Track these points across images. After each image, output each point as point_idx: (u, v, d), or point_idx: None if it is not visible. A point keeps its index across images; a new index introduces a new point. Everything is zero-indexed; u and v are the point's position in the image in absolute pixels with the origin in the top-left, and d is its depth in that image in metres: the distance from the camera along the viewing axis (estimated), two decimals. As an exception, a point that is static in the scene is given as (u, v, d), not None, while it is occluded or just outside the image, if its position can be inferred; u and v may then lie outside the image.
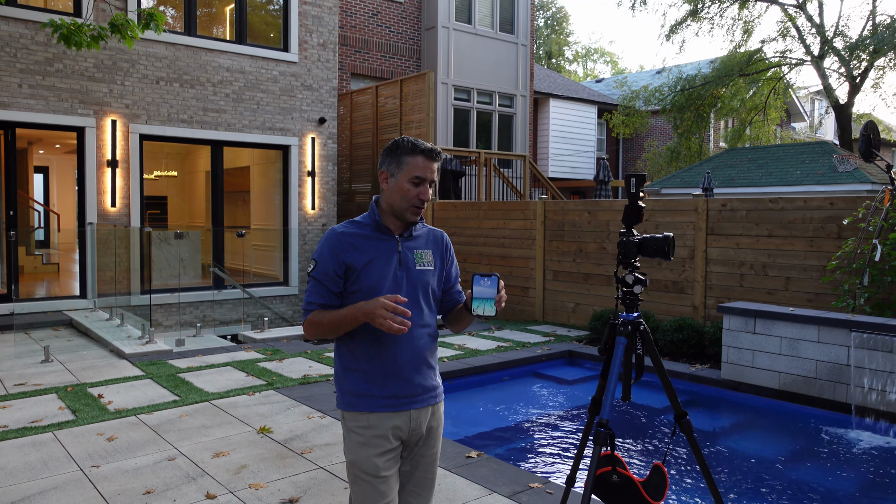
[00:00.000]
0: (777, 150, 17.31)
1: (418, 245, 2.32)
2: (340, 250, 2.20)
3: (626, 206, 2.50)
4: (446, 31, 15.84)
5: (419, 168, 2.20)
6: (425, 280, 2.29)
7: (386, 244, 2.25)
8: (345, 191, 14.06)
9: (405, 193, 2.21)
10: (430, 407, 2.30)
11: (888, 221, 6.19)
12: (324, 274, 2.19)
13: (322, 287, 2.20)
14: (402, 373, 2.22)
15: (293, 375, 6.37)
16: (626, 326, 2.52)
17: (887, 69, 18.08)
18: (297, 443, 4.55)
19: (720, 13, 19.41)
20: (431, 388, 2.31)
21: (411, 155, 2.21)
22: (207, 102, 10.67)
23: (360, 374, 2.22)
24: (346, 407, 2.25)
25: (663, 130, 23.48)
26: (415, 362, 2.24)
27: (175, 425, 4.90)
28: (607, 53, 54.17)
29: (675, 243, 8.19)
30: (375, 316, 2.02)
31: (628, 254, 2.49)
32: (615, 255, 8.80)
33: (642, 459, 4.86)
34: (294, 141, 11.63)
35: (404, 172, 2.21)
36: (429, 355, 2.30)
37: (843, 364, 5.58)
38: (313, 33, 11.78)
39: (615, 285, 2.61)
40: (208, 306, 10.64)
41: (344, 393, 2.26)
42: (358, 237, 2.23)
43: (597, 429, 2.43)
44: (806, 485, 4.44)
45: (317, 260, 2.22)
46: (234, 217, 12.78)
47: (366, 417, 2.21)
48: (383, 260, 2.23)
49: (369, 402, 2.21)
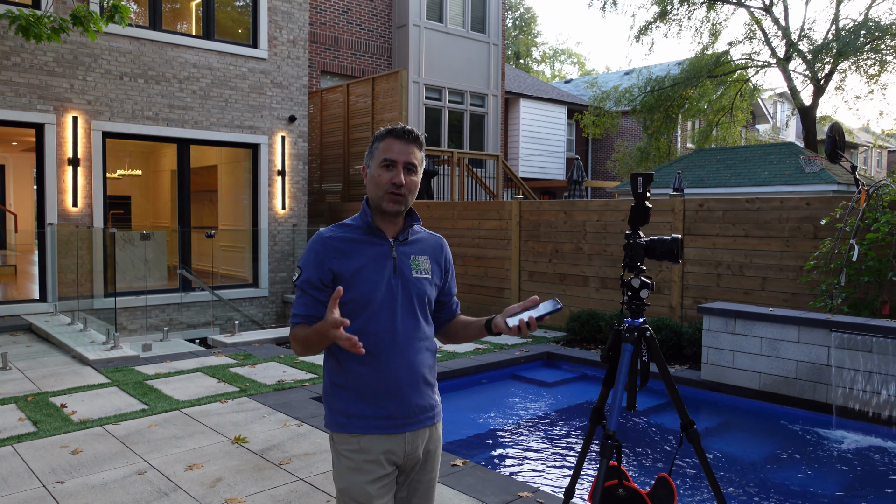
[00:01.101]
0: (745, 150, 17.54)
1: (415, 250, 2.12)
2: (326, 256, 2.01)
3: (633, 207, 2.39)
4: (417, 30, 15.68)
5: (390, 150, 2.01)
6: (422, 289, 2.09)
7: (378, 249, 2.05)
8: (315, 191, 13.81)
9: (377, 180, 2.02)
10: (427, 428, 2.10)
11: (864, 222, 6.22)
12: (307, 283, 2.01)
13: (306, 297, 2.02)
14: (397, 391, 2.02)
15: (267, 381, 6.16)
16: (632, 333, 2.41)
17: (849, 72, 18.45)
18: (274, 453, 4.37)
19: (688, 15, 19.61)
20: (429, 408, 2.10)
21: (382, 140, 2.05)
22: (174, 99, 10.35)
23: (350, 391, 2.02)
24: (336, 427, 2.04)
25: (632, 131, 23.65)
26: (411, 379, 2.04)
27: (144, 436, 4.67)
28: (574, 54, 54.57)
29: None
30: (328, 333, 1.82)
31: (635, 256, 2.38)
32: (591, 256, 8.77)
33: (640, 469, 4.79)
34: (264, 139, 11.36)
35: (376, 158, 2.04)
36: (427, 371, 2.10)
37: (824, 364, 5.59)
38: (283, 29, 11.53)
39: (620, 289, 2.50)
40: (175, 309, 10.32)
41: (333, 412, 2.05)
42: (346, 241, 2.04)
43: (603, 441, 2.32)
44: (788, 486, 4.41)
45: (301, 267, 2.03)
46: (200, 217, 12.46)
47: (357, 440, 2.01)
48: (375, 266, 2.03)
49: (361, 424, 2.01)
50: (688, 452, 4.95)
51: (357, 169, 12.99)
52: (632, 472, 4.61)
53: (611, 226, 8.53)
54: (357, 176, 12.98)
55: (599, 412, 2.55)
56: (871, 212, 6.21)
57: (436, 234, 2.24)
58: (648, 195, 2.38)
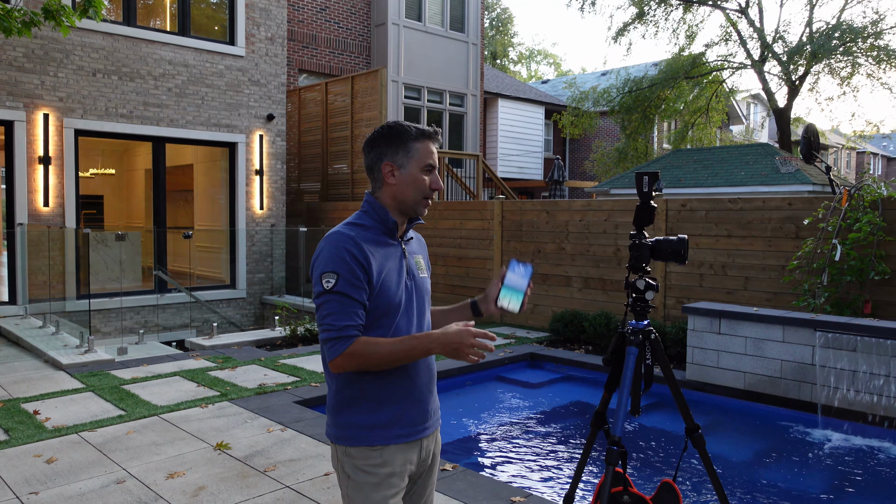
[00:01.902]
0: (722, 151, 17.70)
1: (414, 250, 2.06)
2: (362, 256, 1.82)
3: (638, 207, 2.34)
4: (396, 29, 15.58)
5: (431, 154, 1.94)
6: (428, 289, 2.06)
7: (393, 249, 1.95)
8: (293, 190, 13.64)
9: (420, 184, 1.92)
10: (435, 431, 2.05)
11: (846, 222, 6.27)
12: (353, 287, 1.79)
13: (353, 304, 1.79)
14: (419, 395, 1.95)
15: (248, 385, 6.03)
16: (636, 335, 2.35)
17: (822, 74, 18.72)
18: (258, 459, 4.25)
19: (665, 16, 19.75)
20: (437, 409, 2.06)
21: (419, 141, 1.93)
22: (148, 97, 10.12)
23: (371, 402, 1.88)
24: (352, 442, 1.88)
25: (610, 131, 23.77)
26: (429, 384, 2.00)
27: (122, 443, 4.52)
28: (550, 55, 54.82)
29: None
30: (463, 349, 1.73)
31: (641, 257, 2.32)
32: (573, 256, 8.75)
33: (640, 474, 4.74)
34: (241, 138, 11.17)
35: (416, 161, 1.92)
36: (434, 368, 2.06)
37: (808, 364, 5.61)
38: (261, 27, 11.35)
39: (625, 291, 2.44)
40: (150, 311, 10.10)
41: (348, 426, 1.89)
42: (370, 242, 1.88)
43: (609, 447, 2.25)
44: (775, 485, 4.41)
45: (337, 271, 1.80)
46: (175, 217, 12.21)
47: (379, 453, 1.87)
48: (395, 269, 1.92)
49: (382, 434, 1.88)
50: (676, 455, 4.92)
51: (337, 169, 12.85)
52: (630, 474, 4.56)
53: (593, 226, 8.51)
54: (336, 175, 12.84)
55: (601, 416, 2.49)
56: (852, 212, 6.26)
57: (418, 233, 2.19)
58: (654, 194, 2.32)
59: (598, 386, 6.84)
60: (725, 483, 4.39)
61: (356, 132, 12.35)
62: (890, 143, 45.83)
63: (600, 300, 8.43)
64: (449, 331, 1.76)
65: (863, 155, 42.07)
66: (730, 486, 4.33)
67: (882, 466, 4.74)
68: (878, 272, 5.98)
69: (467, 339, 1.73)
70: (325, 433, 2.11)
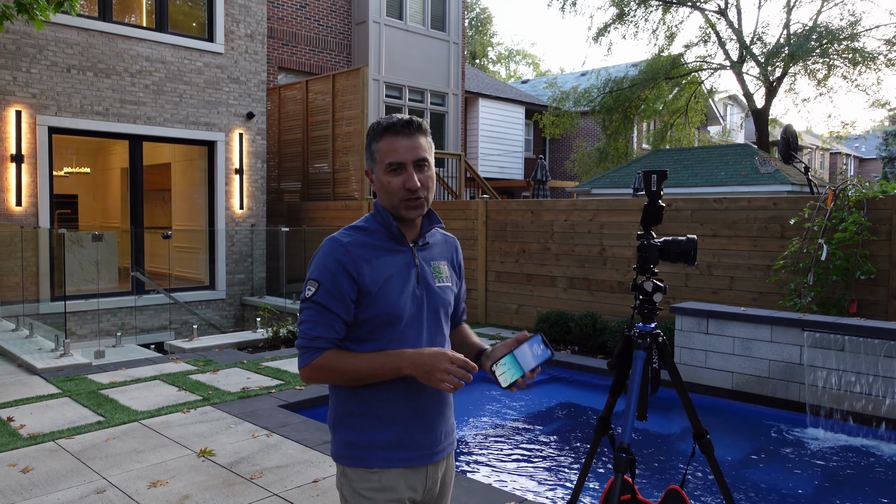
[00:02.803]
0: (701, 151, 17.82)
1: (434, 255, 1.87)
2: (351, 266, 1.70)
3: (646, 207, 2.27)
4: (377, 27, 15.45)
5: (393, 151, 1.73)
6: (446, 300, 1.86)
7: (401, 256, 1.79)
8: (273, 190, 13.45)
9: (388, 188, 1.75)
10: (446, 458, 1.88)
11: (831, 221, 6.29)
12: (332, 298, 1.69)
13: (330, 316, 1.70)
14: (424, 418, 1.78)
15: (231, 389, 5.89)
16: (644, 339, 2.28)
17: (799, 76, 18.93)
18: (244, 466, 4.13)
19: (645, 17, 19.84)
20: (451, 433, 1.89)
21: (379, 139, 1.76)
22: (125, 94, 9.90)
23: (372, 419, 1.75)
24: (351, 462, 1.76)
25: (590, 131, 23.84)
26: (439, 404, 1.82)
27: (102, 451, 4.37)
28: (529, 55, 54.94)
29: (620, 243, 8.17)
30: (434, 373, 1.61)
31: (650, 258, 2.26)
32: (558, 256, 8.71)
33: (644, 480, 4.69)
34: (220, 136, 10.98)
35: (378, 163, 1.77)
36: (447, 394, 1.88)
37: (796, 363, 5.61)
38: (240, 23, 11.16)
39: (632, 293, 2.38)
40: (128, 313, 9.87)
41: (347, 444, 1.77)
42: (368, 248, 1.75)
43: (617, 454, 2.18)
44: (764, 485, 4.39)
45: (319, 280, 1.71)
46: (153, 217, 11.97)
47: (377, 476, 1.74)
48: (401, 277, 1.76)
49: (384, 456, 1.74)
50: (670, 457, 4.90)
51: (318, 168, 12.70)
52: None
53: (578, 226, 8.48)
54: (317, 175, 12.69)
55: (605, 422, 2.42)
56: (837, 211, 6.29)
57: (449, 233, 2.00)
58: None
59: (586, 387, 6.80)
60: (715, 483, 4.35)
61: (337, 131, 12.20)
62: (862, 144, 46.62)
63: (585, 300, 8.40)
64: (424, 352, 1.65)
65: (836, 156, 42.74)
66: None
67: (870, 465, 4.75)
68: (864, 272, 6.01)
69: (442, 364, 1.61)
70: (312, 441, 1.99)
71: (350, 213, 11.43)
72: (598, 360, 7.25)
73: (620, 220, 8.09)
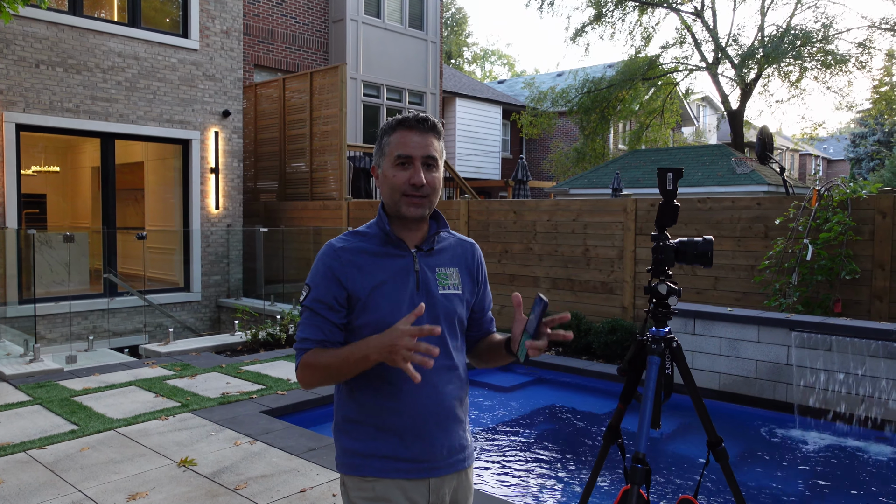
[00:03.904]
0: (678, 152, 17.94)
1: (442, 261, 1.80)
2: (340, 271, 1.70)
3: (661, 206, 2.18)
4: (355, 25, 15.27)
5: (404, 144, 1.70)
6: (451, 307, 1.78)
7: (399, 262, 1.75)
8: (249, 189, 13.22)
9: (392, 181, 1.71)
10: (456, 474, 1.79)
11: (816, 222, 6.30)
12: (318, 302, 1.69)
13: (318, 318, 1.70)
14: (422, 430, 1.71)
15: (210, 394, 5.71)
16: (658, 344, 2.19)
17: (772, 77, 19.16)
18: (227, 476, 3.97)
19: (622, 18, 19.91)
20: (459, 449, 1.79)
21: (390, 132, 1.74)
22: (97, 90, 9.61)
23: (368, 427, 1.71)
24: (346, 470, 1.74)
25: (567, 132, 23.89)
26: (439, 416, 1.73)
27: (76, 461, 4.18)
28: (505, 56, 55.03)
29: (604, 244, 8.12)
30: (396, 350, 1.50)
31: (665, 260, 2.17)
32: (541, 256, 8.64)
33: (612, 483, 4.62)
34: (195, 135, 10.73)
35: (387, 156, 1.74)
36: (457, 405, 1.78)
37: (784, 363, 5.60)
38: (216, 19, 10.92)
39: (645, 296, 2.29)
40: (100, 316, 9.59)
41: (344, 451, 1.75)
42: (362, 253, 1.73)
43: (633, 464, 2.09)
44: (753, 485, 4.35)
45: (310, 284, 1.72)
46: (125, 217, 11.67)
47: (371, 486, 1.70)
48: (396, 283, 1.72)
49: (377, 466, 1.70)
50: (662, 462, 4.84)
51: (295, 167, 12.50)
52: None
53: (561, 226, 8.42)
54: (295, 174, 12.49)
55: (615, 430, 2.33)
56: (822, 211, 6.30)
57: (467, 238, 1.91)
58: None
59: (571, 388, 6.74)
60: (704, 484, 4.30)
61: (315, 130, 12.02)
62: (830, 145, 47.49)
63: (569, 301, 8.34)
64: (385, 332, 1.56)
65: (806, 157, 43.47)
66: (708, 487, 4.25)
67: (859, 465, 4.74)
68: (849, 272, 6.03)
69: (400, 341, 1.49)
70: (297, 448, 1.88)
71: (328, 213, 11.25)
72: (583, 360, 7.19)
73: (604, 221, 8.05)
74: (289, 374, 6.38)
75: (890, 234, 6.07)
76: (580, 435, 5.53)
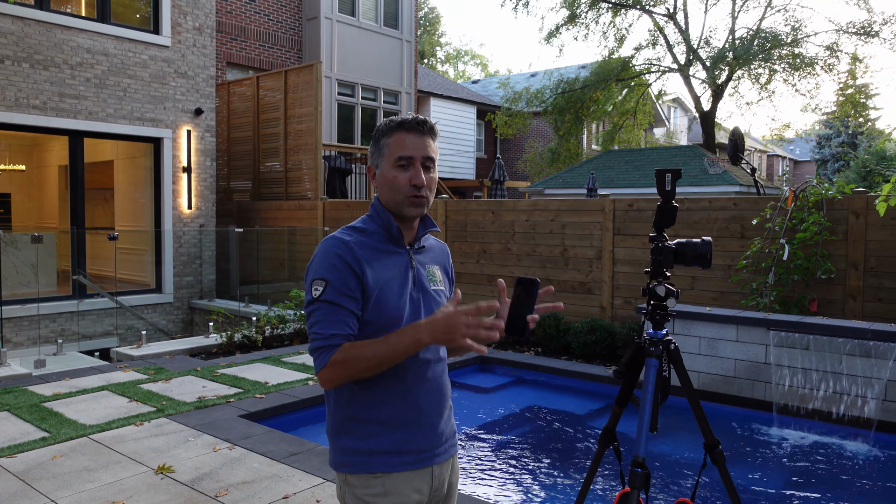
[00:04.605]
0: (652, 152, 18.11)
1: (428, 259, 1.86)
2: (355, 263, 1.67)
3: (659, 207, 2.16)
4: (329, 23, 15.13)
5: (403, 146, 1.72)
6: (440, 303, 1.82)
7: (399, 258, 1.77)
8: (222, 189, 13.01)
9: (393, 182, 1.73)
10: (451, 458, 1.85)
11: (792, 222, 6.38)
12: (342, 294, 1.64)
13: (342, 312, 1.63)
14: (425, 418, 1.75)
15: (186, 399, 5.58)
16: (657, 346, 2.17)
17: (742, 79, 19.45)
18: (207, 483, 3.87)
19: (596, 19, 20.04)
20: (452, 435, 1.86)
21: (390, 134, 1.76)
22: (65, 87, 9.37)
23: (373, 425, 1.71)
24: (352, 469, 1.71)
25: (542, 132, 23.97)
26: (439, 404, 1.79)
27: (48, 470, 4.04)
28: (478, 56, 55.13)
29: (582, 244, 8.14)
30: (456, 329, 1.49)
31: (664, 262, 2.15)
32: (520, 256, 8.63)
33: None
34: (167, 133, 10.52)
35: (386, 157, 1.75)
36: (449, 394, 1.86)
37: (762, 362, 5.65)
38: (188, 16, 10.72)
39: (644, 298, 2.26)
40: (68, 318, 9.35)
41: (346, 451, 1.73)
42: (369, 248, 1.72)
43: (633, 469, 2.07)
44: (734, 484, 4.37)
45: (326, 278, 1.65)
46: (94, 217, 11.41)
47: (380, 481, 1.70)
48: (399, 279, 1.74)
49: (385, 460, 1.70)
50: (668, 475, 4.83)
51: (269, 167, 12.34)
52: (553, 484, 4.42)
53: (540, 226, 8.42)
54: (269, 174, 12.33)
55: (611, 433, 2.30)
56: (797, 212, 6.38)
57: (440, 240, 1.97)
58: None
59: (551, 389, 6.73)
60: (684, 484, 4.31)
61: (289, 129, 11.88)
62: (797, 147, 48.39)
63: (547, 301, 8.32)
64: (437, 315, 1.56)
65: (773, 158, 44.25)
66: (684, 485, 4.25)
67: (837, 462, 4.80)
68: (824, 271, 6.11)
69: (459, 319, 1.50)
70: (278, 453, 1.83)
71: (304, 213, 11.12)
72: (562, 361, 7.20)
73: (582, 221, 8.06)
74: (267, 376, 6.27)
75: (863, 234, 6.17)
76: (564, 436, 5.52)
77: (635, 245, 7.66)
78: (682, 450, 5.12)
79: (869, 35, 17.18)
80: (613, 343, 7.21)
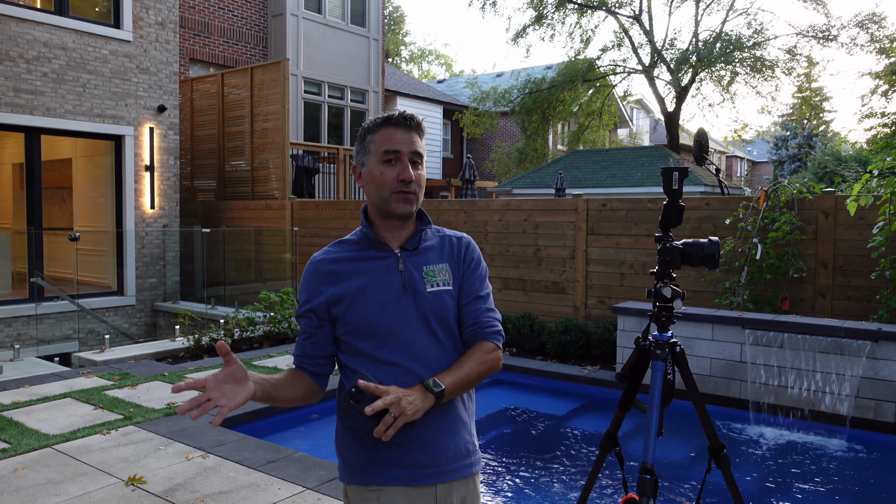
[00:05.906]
0: (619, 153, 18.28)
1: (429, 259, 1.73)
2: (318, 283, 1.71)
3: (666, 206, 2.11)
4: (295, 20, 14.90)
5: (390, 140, 1.68)
6: (441, 306, 1.69)
7: (381, 263, 1.71)
8: (186, 188, 12.69)
9: (380, 179, 1.67)
10: (463, 480, 1.72)
11: (763, 221, 6.45)
12: (304, 316, 1.74)
13: (304, 334, 1.75)
14: (424, 433, 1.64)
15: (154, 405, 5.38)
16: (662, 349, 2.12)
17: (705, 81, 19.79)
18: (181, 494, 3.72)
19: (562, 20, 20.15)
20: (465, 454, 1.72)
21: (376, 130, 1.71)
22: (20, 82, 9.01)
23: (365, 436, 1.61)
24: (349, 479, 1.69)
25: (509, 131, 24.03)
26: (441, 419, 1.66)
27: (10, 483, 3.84)
28: (442, 56, 55.13)
29: (555, 243, 8.12)
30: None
31: (671, 262, 2.11)
32: (492, 256, 8.58)
33: (568, 485, 4.57)
34: (129, 130, 10.21)
35: (372, 154, 1.70)
36: (459, 407, 1.72)
37: (738, 361, 5.70)
38: (150, 10, 10.42)
39: (650, 300, 2.21)
40: (25, 322, 8.99)
41: (345, 460, 1.71)
42: (341, 261, 1.72)
43: (641, 476, 2.01)
44: (711, 482, 4.35)
45: (298, 300, 1.77)
46: (51, 217, 11.02)
47: (376, 494, 1.64)
48: (379, 284, 1.68)
49: (378, 473, 1.64)
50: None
51: (235, 165, 12.08)
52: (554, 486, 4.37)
53: (513, 226, 8.39)
54: (235, 173, 12.07)
55: (612, 438, 2.25)
56: (769, 211, 6.46)
57: (460, 234, 1.82)
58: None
59: (528, 390, 6.69)
60: (661, 483, 4.30)
61: (256, 127, 11.64)
62: (754, 148, 49.50)
63: (521, 301, 8.32)
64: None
65: (732, 158, 45.19)
66: (665, 486, 4.25)
67: (813, 458, 4.85)
68: (796, 270, 6.19)
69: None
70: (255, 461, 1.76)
71: (271, 212, 10.91)
72: (537, 361, 7.17)
73: (555, 220, 8.05)
74: (237, 381, 6.09)
75: (832, 233, 6.27)
76: (546, 438, 5.48)
77: (608, 245, 7.67)
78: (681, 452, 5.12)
79: (828, 39, 17.63)
80: (588, 343, 7.20)
